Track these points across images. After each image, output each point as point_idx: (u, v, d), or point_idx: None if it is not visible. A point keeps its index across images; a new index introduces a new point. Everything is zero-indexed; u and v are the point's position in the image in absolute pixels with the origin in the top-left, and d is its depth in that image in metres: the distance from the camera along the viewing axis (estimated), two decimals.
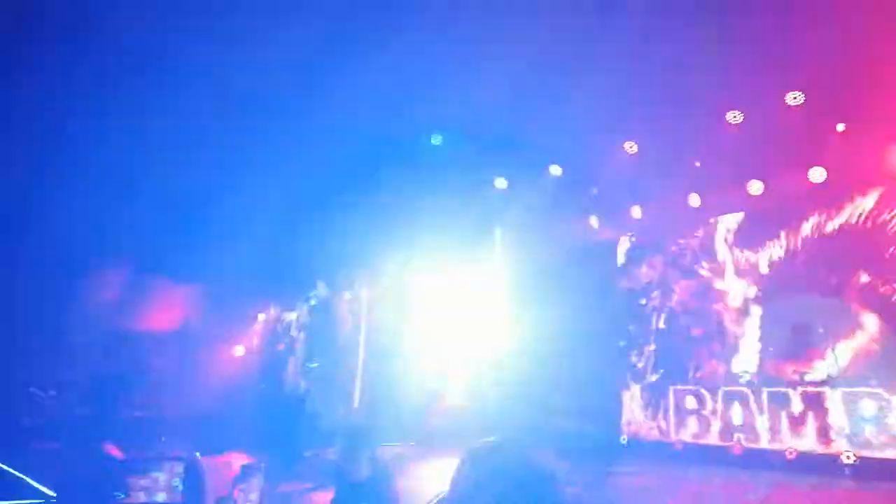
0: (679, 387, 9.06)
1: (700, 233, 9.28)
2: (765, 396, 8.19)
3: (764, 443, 8.09)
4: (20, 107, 7.67)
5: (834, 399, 7.66)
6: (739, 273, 8.81)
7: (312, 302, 7.37)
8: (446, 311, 10.89)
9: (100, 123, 8.19)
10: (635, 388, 9.55)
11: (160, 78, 7.85)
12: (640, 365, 9.60)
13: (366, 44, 7.44)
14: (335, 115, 8.70)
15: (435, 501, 3.65)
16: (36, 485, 5.28)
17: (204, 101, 8.32)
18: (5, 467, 5.40)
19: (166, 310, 10.76)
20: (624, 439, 9.39)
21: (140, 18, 6.96)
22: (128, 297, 10.64)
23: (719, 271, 9.01)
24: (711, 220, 9.16)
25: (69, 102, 7.86)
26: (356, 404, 10.06)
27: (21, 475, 5.42)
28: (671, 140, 8.72)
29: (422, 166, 9.69)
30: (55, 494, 5.14)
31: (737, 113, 8.23)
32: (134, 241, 9.94)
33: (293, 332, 9.95)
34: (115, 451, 5.36)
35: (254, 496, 2.87)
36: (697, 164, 8.78)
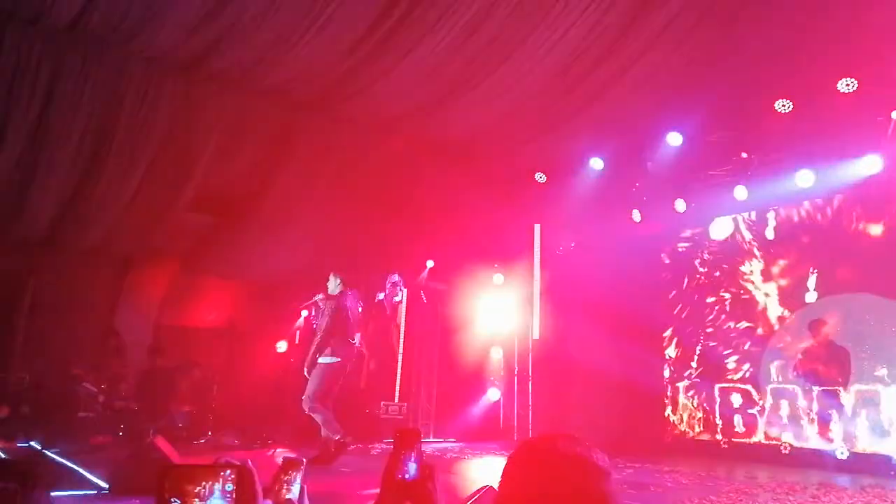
0: (725, 384, 8.87)
1: (746, 226, 9.06)
2: (815, 394, 7.97)
3: (813, 441, 7.88)
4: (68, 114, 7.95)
5: (888, 396, 7.41)
6: (788, 268, 8.56)
7: (320, 297, 7.44)
8: (486, 307, 10.86)
9: (146, 123, 8.42)
10: (680, 385, 9.39)
11: (205, 78, 8.03)
12: (685, 361, 9.42)
13: (403, 39, 7.45)
14: (376, 111, 8.75)
15: (476, 497, 3.65)
16: (90, 476, 5.46)
17: (245, 100, 8.48)
18: (61, 459, 5.61)
19: (212, 306, 11.02)
20: (668, 437, 9.25)
21: (184, 25, 7.12)
22: (175, 293, 10.93)
23: (767, 266, 8.78)
24: (758, 213, 8.93)
25: (117, 108, 8.10)
26: (396, 400, 10.12)
27: (76, 467, 5.62)
28: (716, 131, 8.51)
29: (461, 162, 9.69)
30: (108, 486, 5.31)
31: (786, 102, 7.97)
32: (181, 239, 10.21)
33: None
34: (165, 445, 5.51)
35: (295, 489, 2.90)
36: (744, 154, 8.55)
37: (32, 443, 6.78)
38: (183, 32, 7.28)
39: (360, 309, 7.73)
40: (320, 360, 7.08)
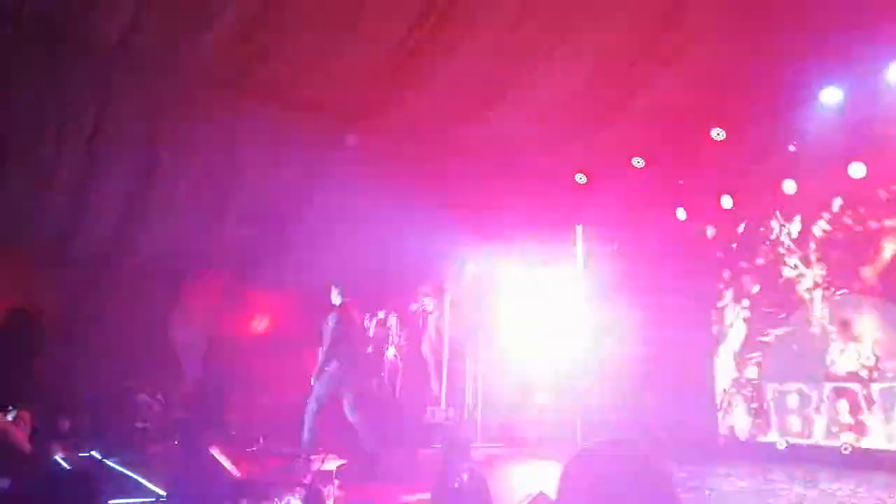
0: (780, 383, 8.62)
1: (797, 222, 8.79)
2: (875, 392, 7.67)
3: (875, 442, 7.59)
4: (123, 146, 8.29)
5: None
6: (842, 263, 8.27)
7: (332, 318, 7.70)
8: (530, 311, 10.78)
9: (193, 138, 8.69)
10: (733, 386, 9.15)
11: (247, 93, 8.22)
12: (737, 361, 9.19)
13: (437, 47, 7.48)
14: (414, 119, 8.81)
15: (526, 502, 3.62)
16: (148, 485, 5.62)
17: (286, 113, 8.64)
18: (121, 468, 5.79)
19: (262, 316, 11.24)
20: (722, 439, 9.02)
21: (226, 41, 7.31)
22: (226, 305, 11.20)
23: (819, 263, 8.50)
24: (809, 207, 8.65)
25: (165, 125, 8.38)
26: (443, 406, 10.12)
27: (135, 475, 5.79)
28: (762, 124, 8.29)
29: (501, 166, 9.66)
30: (166, 494, 5.45)
31: (834, 91, 7.73)
32: (230, 252, 10.47)
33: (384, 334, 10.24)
34: (219, 453, 5.64)
35: (338, 495, 2.95)
36: (792, 147, 8.31)
37: (93, 453, 7.01)
38: (225, 49, 7.47)
39: (365, 321, 7.91)
40: (328, 369, 7.35)
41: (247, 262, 10.54)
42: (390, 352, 9.94)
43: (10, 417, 5.36)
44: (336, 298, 7.77)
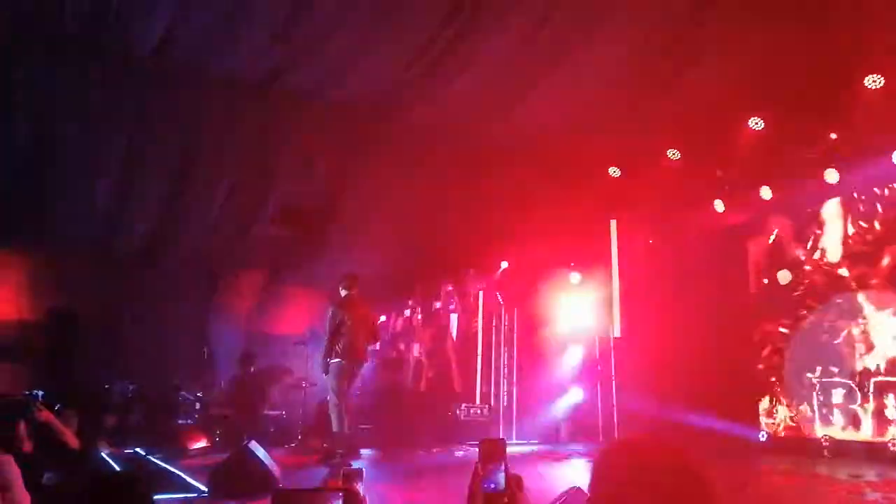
0: (823, 378, 8.40)
1: (838, 211, 8.55)
2: None
3: None
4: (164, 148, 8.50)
5: None
6: (886, 255, 8.02)
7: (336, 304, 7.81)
8: (564, 306, 10.72)
9: (227, 142, 8.86)
10: (774, 381, 8.96)
11: (279, 96, 8.34)
12: (778, 356, 8.99)
13: (468, 41, 7.47)
14: (445, 115, 8.82)
15: (564, 499, 3.61)
16: (190, 480, 5.75)
17: (318, 114, 8.74)
18: (164, 464, 5.94)
19: (297, 314, 11.42)
20: (763, 436, 8.84)
21: (257, 46, 7.42)
22: (262, 303, 11.41)
23: (862, 254, 8.26)
24: (851, 197, 8.40)
25: (200, 130, 8.56)
26: (478, 401, 10.13)
27: (177, 471, 5.93)
28: (802, 112, 8.07)
29: (533, 161, 9.61)
30: (207, 489, 5.57)
31: (876, 77, 7.48)
32: (265, 251, 10.66)
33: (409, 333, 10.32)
34: (259, 449, 5.74)
35: (369, 492, 2.97)
36: (833, 135, 8.07)
37: (138, 449, 7.21)
38: (256, 53, 7.59)
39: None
40: (331, 361, 7.56)
41: (282, 262, 10.72)
42: (414, 349, 10.04)
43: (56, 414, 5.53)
44: (342, 291, 7.87)
